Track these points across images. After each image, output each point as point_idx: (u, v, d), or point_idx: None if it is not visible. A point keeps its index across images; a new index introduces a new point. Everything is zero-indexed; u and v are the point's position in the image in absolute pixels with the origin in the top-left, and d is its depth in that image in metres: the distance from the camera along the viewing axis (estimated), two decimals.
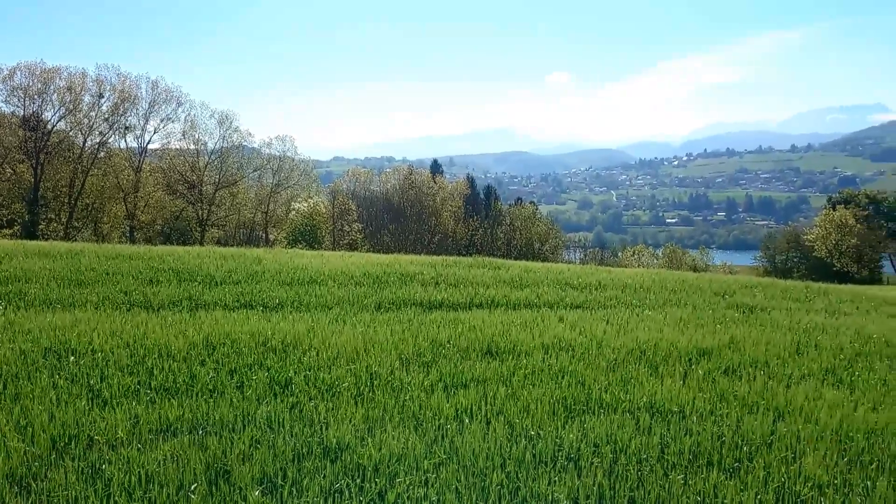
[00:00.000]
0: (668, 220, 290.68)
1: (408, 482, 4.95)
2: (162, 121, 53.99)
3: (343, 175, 77.06)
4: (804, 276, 64.14)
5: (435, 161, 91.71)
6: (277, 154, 61.51)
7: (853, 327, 11.67)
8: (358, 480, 4.98)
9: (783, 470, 5.39)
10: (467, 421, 6.20)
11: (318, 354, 8.27)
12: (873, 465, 5.56)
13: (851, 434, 6.23)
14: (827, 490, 5.11)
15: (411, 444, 5.62)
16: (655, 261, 76.11)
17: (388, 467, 5.20)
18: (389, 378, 7.46)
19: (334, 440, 5.64)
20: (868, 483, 5.21)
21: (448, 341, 9.13)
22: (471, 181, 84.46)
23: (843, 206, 74.67)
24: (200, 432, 5.76)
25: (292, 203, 61.30)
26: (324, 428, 5.91)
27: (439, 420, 6.22)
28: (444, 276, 15.38)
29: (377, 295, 12.89)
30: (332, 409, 6.43)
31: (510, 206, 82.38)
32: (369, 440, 5.66)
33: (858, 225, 69.61)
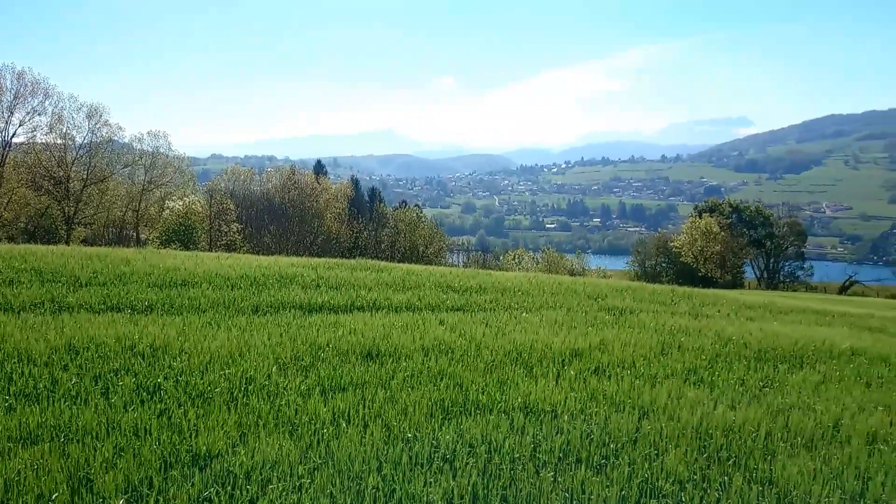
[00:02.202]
0: (548, 226, 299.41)
1: (281, 488, 4.86)
2: (28, 114, 50.43)
3: (222, 173, 74.67)
4: (672, 280, 67.75)
5: (319, 161, 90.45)
6: (150, 150, 58.88)
7: (714, 329, 12.40)
8: (228, 488, 4.85)
9: (647, 466, 5.67)
10: (344, 425, 6.15)
11: (189, 359, 7.97)
12: (730, 461, 5.91)
13: (711, 431, 6.61)
14: (687, 485, 5.41)
15: (285, 449, 5.52)
16: (535, 265, 78.14)
17: (261, 474, 5.10)
18: (265, 383, 7.30)
19: (204, 447, 5.47)
20: (725, 478, 5.54)
21: (327, 345, 9.03)
22: (355, 183, 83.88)
23: (708, 214, 79.23)
24: (62, 440, 5.47)
25: (166, 201, 58.79)
26: (193, 435, 5.71)
27: (316, 425, 6.14)
28: (326, 279, 15.21)
29: (254, 298, 12.57)
30: (203, 415, 6.23)
31: (395, 208, 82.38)
32: (241, 447, 5.52)
33: (722, 232, 74.06)
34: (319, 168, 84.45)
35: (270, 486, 4.91)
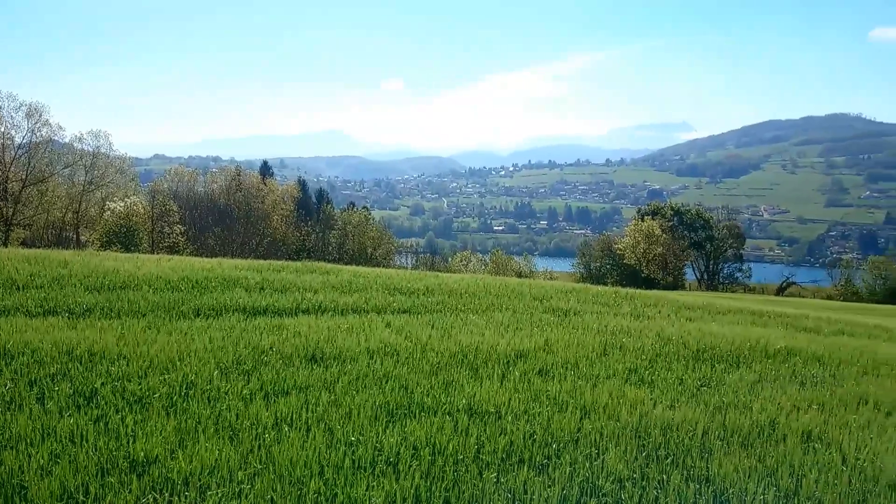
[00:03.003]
0: (496, 228, 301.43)
1: (220, 494, 4.81)
2: None
3: (165, 174, 73.18)
4: (616, 282, 68.89)
5: (265, 162, 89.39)
6: (91, 150, 57.37)
7: (655, 330, 12.66)
8: (167, 494, 4.78)
9: (587, 465, 5.76)
10: (287, 429, 6.10)
11: (128, 364, 7.80)
12: (669, 459, 6.04)
13: (650, 430, 6.74)
14: (626, 483, 5.51)
15: (225, 455, 5.46)
16: (483, 267, 78.57)
17: (200, 480, 5.03)
18: (206, 388, 7.20)
19: (142, 453, 5.37)
20: (664, 476, 5.66)
21: (271, 348, 8.94)
22: (302, 184, 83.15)
23: (650, 217, 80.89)
24: None
25: (107, 203, 57.26)
26: (131, 441, 5.60)
27: (257, 429, 6.08)
28: (271, 281, 15.03)
29: (196, 301, 12.35)
30: (142, 421, 6.11)
31: (343, 210, 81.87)
32: (180, 452, 5.44)
33: (664, 235, 75.68)
34: (266, 169, 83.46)
35: (209, 492, 4.84)
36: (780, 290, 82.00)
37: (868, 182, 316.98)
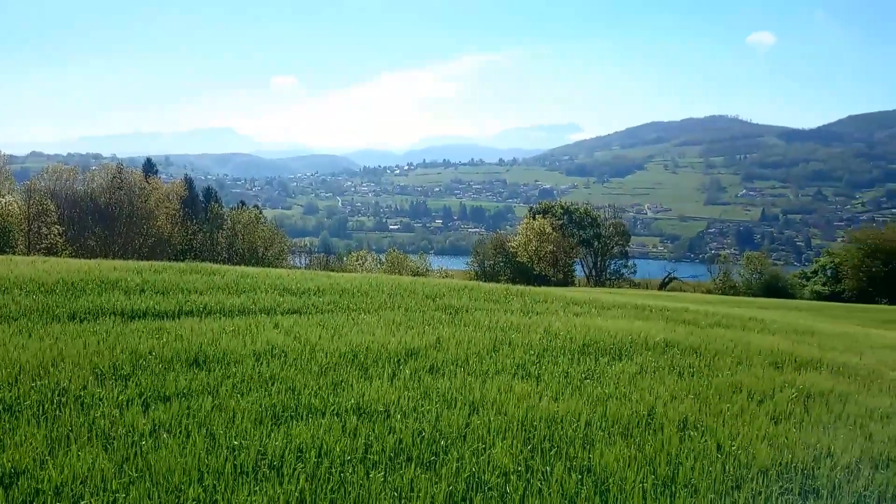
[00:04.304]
0: (392, 227, 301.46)
1: (93, 503, 4.57)
2: None
3: (42, 172, 68.93)
4: (509, 279, 70.20)
5: (149, 160, 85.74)
6: None
7: (543, 325, 12.92)
8: None
9: (475, 460, 5.81)
10: (165, 436, 5.86)
11: None
12: (553, 451, 6.16)
13: (535, 423, 6.86)
14: (512, 476, 5.59)
15: (99, 463, 5.21)
16: (379, 266, 78.41)
17: (72, 490, 4.80)
18: (80, 394, 6.83)
19: (9, 464, 5.07)
20: (547, 468, 5.77)
21: (150, 352, 8.56)
22: (189, 182, 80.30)
23: (542, 215, 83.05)
24: None
25: None
26: None
27: (133, 437, 5.81)
28: (152, 283, 14.39)
29: (72, 304, 11.69)
30: (10, 430, 5.75)
31: (232, 209, 79.59)
32: (51, 462, 5.15)
33: (554, 233, 77.85)
34: (150, 167, 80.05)
35: (83, 502, 4.64)
36: (663, 285, 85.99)
37: (744, 181, 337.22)
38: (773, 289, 76.04)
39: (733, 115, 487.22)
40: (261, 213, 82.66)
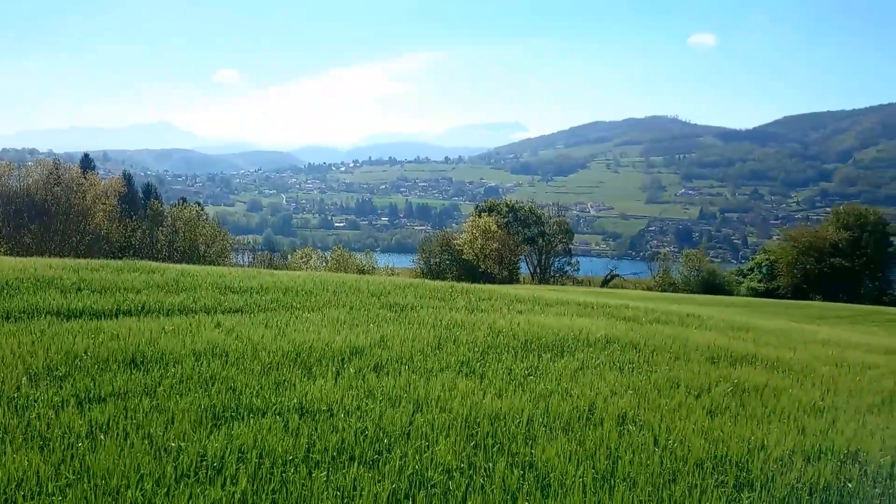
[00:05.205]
0: (337, 224, 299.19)
1: None
2: None
3: None
4: (455, 277, 70.41)
5: (86, 155, 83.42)
6: None
7: (487, 323, 13.01)
8: None
9: (418, 458, 5.82)
10: (102, 437, 5.72)
11: None
12: (496, 448, 6.21)
13: (479, 420, 6.90)
14: (455, 473, 5.62)
15: (35, 466, 5.07)
16: (324, 264, 77.70)
17: (6, 493, 4.68)
18: (14, 395, 6.63)
19: None
20: (490, 464, 5.81)
21: (85, 352, 8.33)
22: (128, 178, 78.38)
23: (487, 213, 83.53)
24: None
25: None
26: None
27: (70, 438, 5.66)
28: (88, 282, 14.00)
29: (5, 303, 11.29)
30: None
31: (173, 206, 77.82)
32: None
33: (500, 231, 78.37)
34: (87, 162, 77.82)
35: None
36: (605, 283, 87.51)
37: (683, 180, 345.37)
38: (711, 286, 78.18)
39: (673, 116, 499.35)
40: (202, 209, 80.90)
